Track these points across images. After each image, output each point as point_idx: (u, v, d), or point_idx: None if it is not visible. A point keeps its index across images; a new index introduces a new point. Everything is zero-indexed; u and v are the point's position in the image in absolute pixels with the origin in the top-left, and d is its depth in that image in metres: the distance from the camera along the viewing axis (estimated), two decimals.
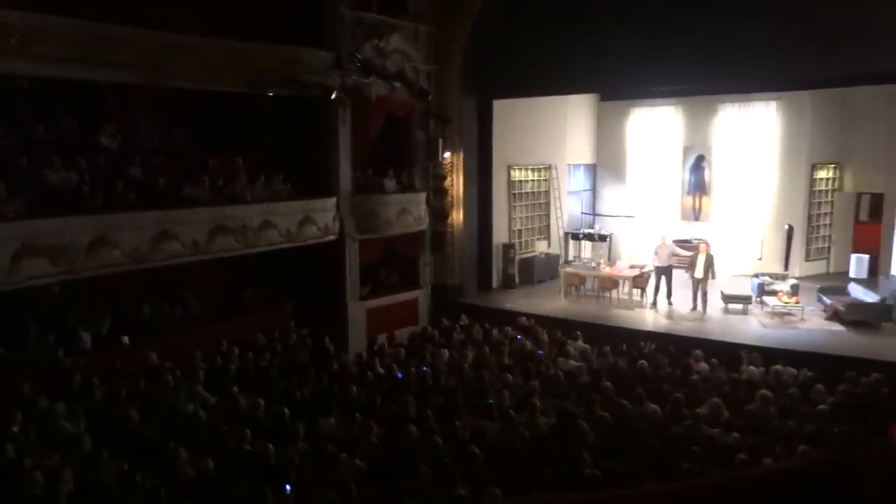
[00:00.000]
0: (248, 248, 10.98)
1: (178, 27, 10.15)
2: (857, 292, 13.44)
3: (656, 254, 14.13)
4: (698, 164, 17.64)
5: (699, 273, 13.22)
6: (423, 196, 13.88)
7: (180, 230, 10.01)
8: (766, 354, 10.19)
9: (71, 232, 8.81)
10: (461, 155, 14.94)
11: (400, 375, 9.53)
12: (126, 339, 10.17)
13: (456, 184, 14.96)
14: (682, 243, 17.35)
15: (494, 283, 15.94)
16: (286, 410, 7.73)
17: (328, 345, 11.14)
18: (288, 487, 6.05)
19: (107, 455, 6.54)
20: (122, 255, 9.34)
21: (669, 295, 13.88)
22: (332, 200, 12.25)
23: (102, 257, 9.13)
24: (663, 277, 13.88)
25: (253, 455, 6.63)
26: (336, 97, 11.88)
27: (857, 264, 15.52)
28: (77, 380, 8.62)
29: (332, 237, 12.25)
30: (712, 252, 13.88)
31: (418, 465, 6.24)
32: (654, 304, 13.85)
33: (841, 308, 12.50)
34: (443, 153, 14.36)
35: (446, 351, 10.64)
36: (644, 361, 9.77)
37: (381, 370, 9.74)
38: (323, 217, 12.03)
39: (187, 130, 12.03)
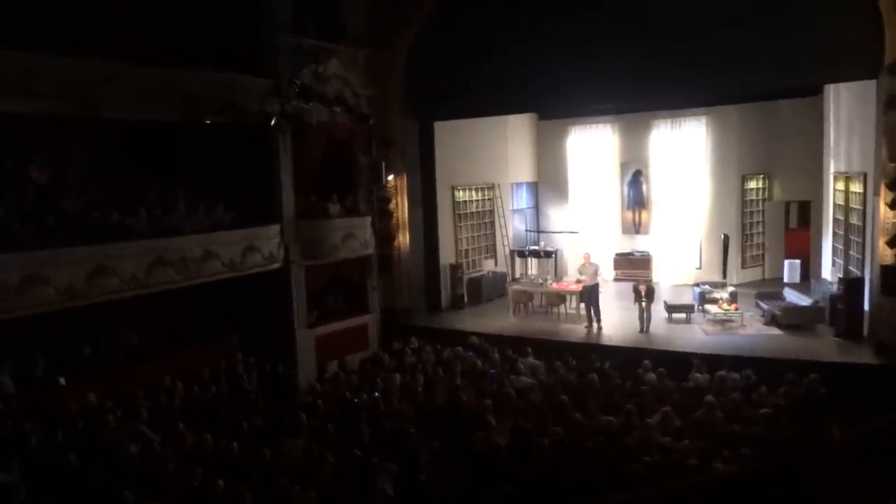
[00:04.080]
0: (190, 280, 10.66)
1: (110, 56, 9.88)
2: (792, 297, 13.97)
3: (581, 272, 14.02)
4: (636, 179, 18.17)
5: (645, 300, 13.04)
6: (368, 220, 13.80)
7: (117, 265, 9.66)
8: (710, 361, 10.45)
9: None
10: (405, 177, 15.00)
11: (356, 400, 9.38)
12: (62, 380, 9.72)
13: (401, 206, 14.98)
14: (625, 256, 17.84)
15: (443, 304, 15.94)
16: (234, 444, 7.52)
17: (273, 371, 10.90)
18: None
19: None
20: (56, 293, 8.94)
21: (598, 317, 13.44)
22: (276, 227, 12.06)
23: (34, 295, 8.72)
24: (591, 296, 13.50)
25: (202, 492, 6.40)
26: (276, 123, 11.76)
27: (790, 269, 16.21)
28: (9, 426, 8.17)
29: (277, 265, 12.04)
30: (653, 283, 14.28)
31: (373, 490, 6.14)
32: (590, 324, 13.45)
33: (778, 312, 12.97)
34: (386, 176, 14.32)
35: (398, 375, 10.56)
36: (594, 374, 9.89)
37: (334, 398, 9.57)
38: (267, 245, 11.83)
39: (123, 161, 11.69)
